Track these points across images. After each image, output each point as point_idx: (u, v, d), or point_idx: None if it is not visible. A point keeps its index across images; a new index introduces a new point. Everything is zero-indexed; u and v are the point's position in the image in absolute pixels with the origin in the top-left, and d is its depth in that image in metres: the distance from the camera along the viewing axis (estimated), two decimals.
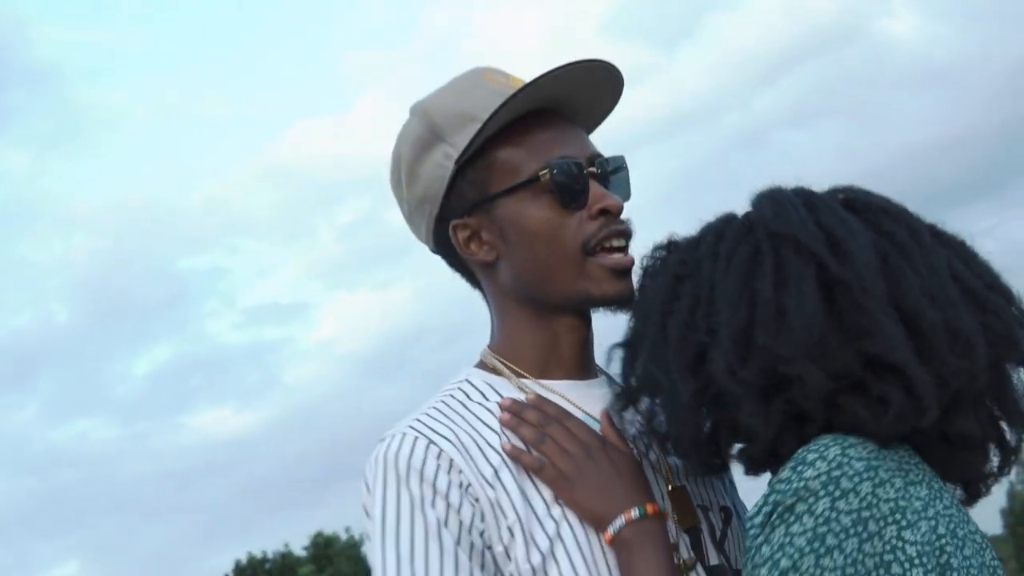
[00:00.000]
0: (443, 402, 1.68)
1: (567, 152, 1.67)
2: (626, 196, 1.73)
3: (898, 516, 1.36)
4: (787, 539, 1.34)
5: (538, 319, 1.71)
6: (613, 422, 1.64)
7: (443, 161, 1.69)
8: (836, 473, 1.35)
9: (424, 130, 1.71)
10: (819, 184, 1.59)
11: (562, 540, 1.57)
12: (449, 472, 1.58)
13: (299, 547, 38.62)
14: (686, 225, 1.64)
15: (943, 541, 1.38)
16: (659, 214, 1.81)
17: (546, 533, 1.57)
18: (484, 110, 1.65)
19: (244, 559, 38.61)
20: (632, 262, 1.67)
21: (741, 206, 1.60)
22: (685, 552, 1.61)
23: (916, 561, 1.34)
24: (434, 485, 1.56)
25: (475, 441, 1.62)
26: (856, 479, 1.35)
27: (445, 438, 1.60)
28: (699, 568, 1.62)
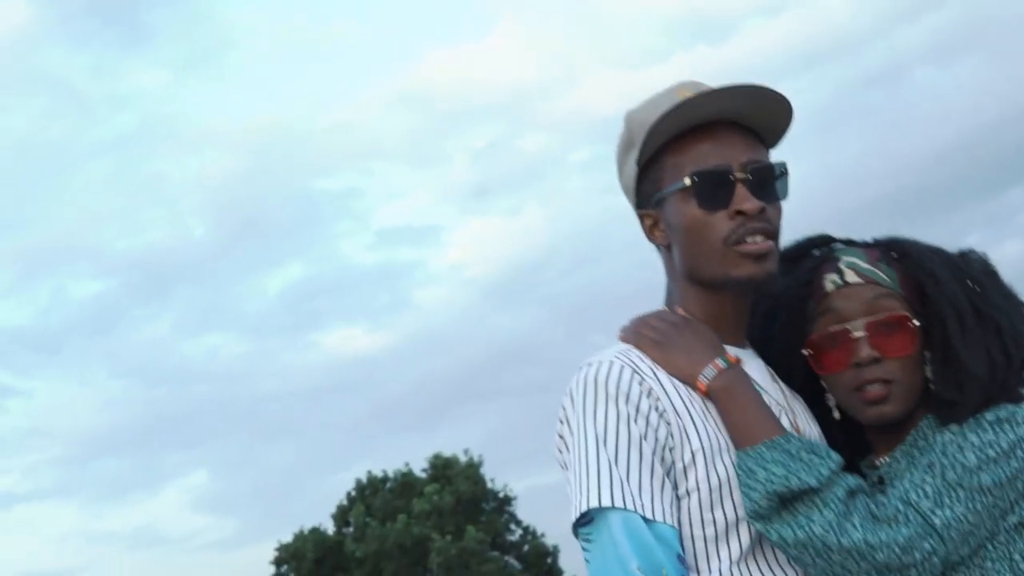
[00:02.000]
0: (621, 339, 2.05)
1: (719, 161, 2.00)
2: (782, 196, 2.05)
3: None
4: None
5: (704, 294, 2.06)
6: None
7: (632, 163, 2.09)
8: None
9: (625, 135, 2.11)
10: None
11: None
12: (649, 397, 1.91)
13: (418, 468, 39.22)
14: (820, 161, 1.83)
15: None
16: (795, 149, 2.23)
17: (724, 465, 1.91)
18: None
19: (364, 478, 39.37)
20: (767, 247, 1.99)
21: (878, 140, 1.78)
22: None
23: None
24: (637, 406, 1.90)
25: (671, 379, 1.96)
26: None
27: (646, 372, 1.95)
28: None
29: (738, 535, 1.90)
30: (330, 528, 38.77)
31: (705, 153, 2.01)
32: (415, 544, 35.58)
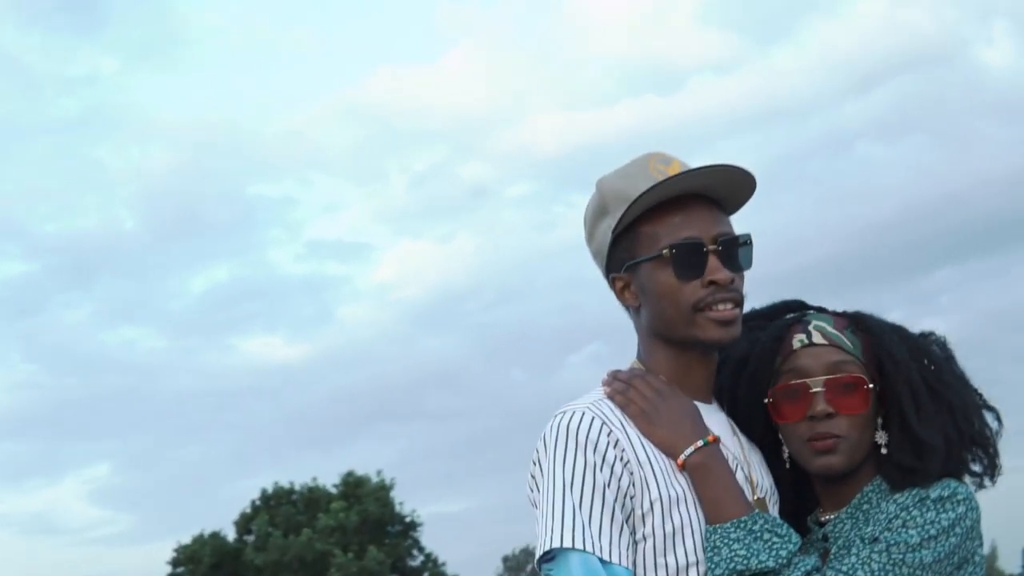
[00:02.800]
0: (608, 396, 2.19)
1: (692, 233, 2.16)
2: (747, 266, 2.23)
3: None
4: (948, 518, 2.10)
5: (671, 352, 2.22)
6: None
7: (606, 230, 2.22)
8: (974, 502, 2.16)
9: (598, 202, 2.25)
10: None
11: (691, 523, 2.07)
12: (615, 447, 2.06)
13: (328, 483, 39.04)
14: (758, 218, 2.30)
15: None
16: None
17: (679, 515, 2.07)
18: (636, 194, 2.14)
19: (271, 488, 39.05)
20: (735, 315, 2.17)
21: (814, 209, 1.97)
22: None
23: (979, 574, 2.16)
24: (604, 456, 2.05)
25: (637, 432, 2.12)
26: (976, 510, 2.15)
27: (613, 423, 2.10)
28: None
29: None
30: (231, 535, 38.42)
31: (678, 225, 2.16)
32: (316, 559, 35.36)
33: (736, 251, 2.21)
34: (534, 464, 2.14)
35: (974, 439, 2.25)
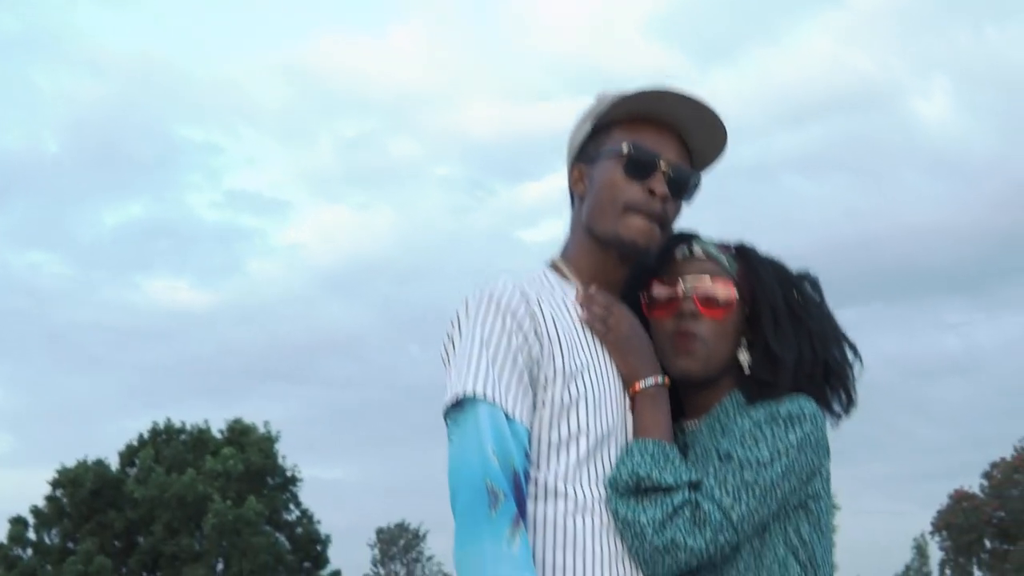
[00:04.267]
0: (530, 278, 2.36)
1: (654, 148, 2.35)
2: (687, 198, 2.42)
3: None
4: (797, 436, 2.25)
5: (594, 248, 2.38)
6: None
7: (587, 126, 2.42)
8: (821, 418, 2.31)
9: (591, 106, 2.43)
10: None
11: (586, 396, 2.21)
12: (531, 319, 2.21)
13: (215, 430, 39.22)
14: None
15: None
16: None
17: (576, 388, 2.21)
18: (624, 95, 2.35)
19: (162, 424, 39.17)
20: (656, 228, 2.33)
21: (733, 232, 2.48)
22: None
23: (827, 486, 2.31)
24: (520, 323, 2.20)
25: (550, 307, 2.27)
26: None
27: (532, 298, 2.25)
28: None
29: (577, 446, 2.19)
30: (115, 465, 38.46)
31: (646, 138, 2.35)
32: (195, 501, 35.54)
33: (684, 183, 2.37)
34: (452, 325, 2.27)
35: (828, 364, 2.41)
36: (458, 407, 2.15)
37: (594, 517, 2.18)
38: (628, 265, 2.40)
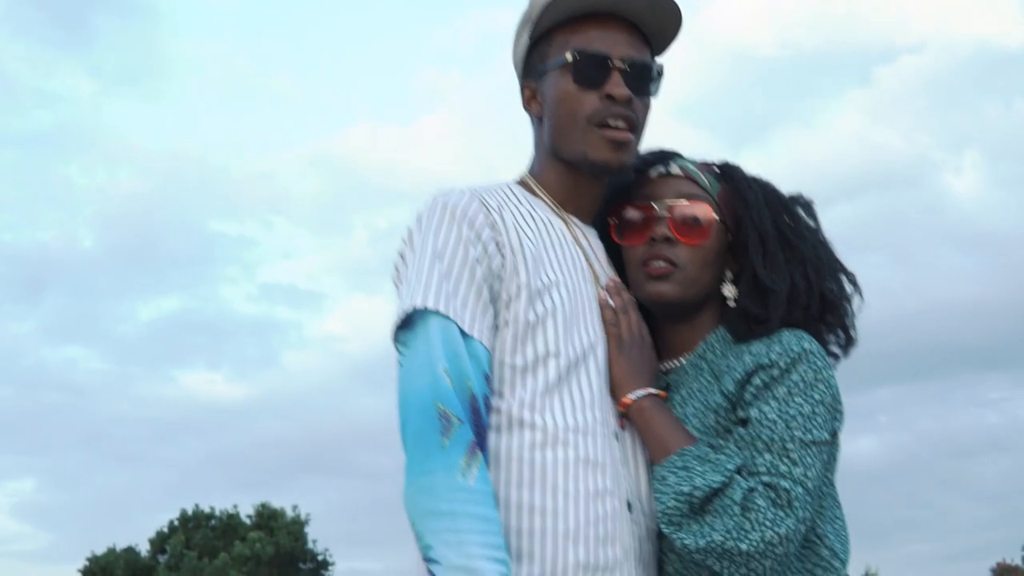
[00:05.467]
0: (492, 189, 2.11)
1: (602, 47, 2.09)
2: (652, 92, 2.16)
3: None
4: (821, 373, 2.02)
5: (562, 170, 2.15)
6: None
7: (525, 37, 2.18)
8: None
9: (526, 12, 2.18)
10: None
11: (554, 313, 1.98)
12: (492, 229, 1.98)
13: (244, 515, 38.97)
14: None
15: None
16: None
17: (543, 304, 1.98)
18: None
19: (191, 510, 38.90)
20: (627, 137, 2.09)
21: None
22: None
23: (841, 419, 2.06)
24: (479, 233, 1.96)
25: (514, 218, 2.04)
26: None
27: (493, 207, 2.03)
28: None
29: (545, 370, 1.94)
30: (145, 551, 38.25)
31: (592, 37, 2.10)
32: None
33: (644, 76, 2.13)
34: (404, 243, 2.06)
35: (824, 296, 2.16)
36: (407, 326, 1.92)
37: (567, 449, 1.91)
38: (602, 183, 2.17)
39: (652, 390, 2.05)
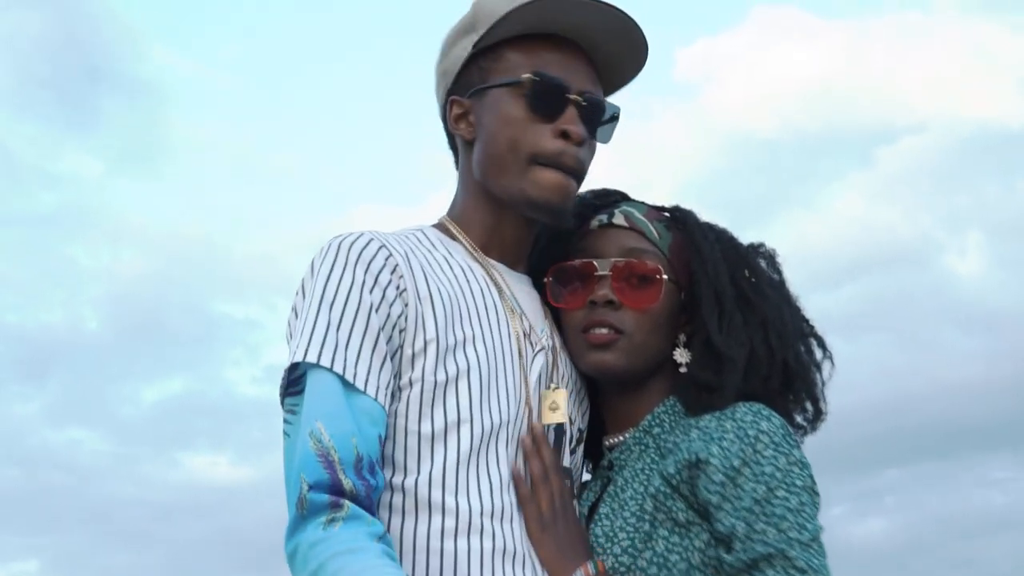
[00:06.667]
0: (400, 234, 1.83)
1: (562, 75, 1.84)
2: (604, 139, 1.91)
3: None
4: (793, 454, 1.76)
5: (488, 205, 1.88)
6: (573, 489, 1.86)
7: (467, 45, 1.89)
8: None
9: (468, 19, 1.90)
10: None
11: (469, 374, 1.72)
12: (392, 273, 1.71)
13: None
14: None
15: None
16: None
17: (456, 363, 1.71)
18: (512, 8, 1.84)
19: None
20: (571, 186, 1.84)
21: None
22: None
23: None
24: (376, 276, 1.69)
25: (421, 266, 1.76)
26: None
27: (397, 250, 1.75)
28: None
29: (458, 438, 1.69)
30: None
31: (549, 61, 1.85)
32: None
33: (599, 117, 1.88)
34: (297, 294, 1.78)
35: (788, 364, 1.91)
36: (293, 388, 1.68)
37: (482, 538, 1.66)
38: (534, 227, 1.91)
39: (588, 567, 1.75)
